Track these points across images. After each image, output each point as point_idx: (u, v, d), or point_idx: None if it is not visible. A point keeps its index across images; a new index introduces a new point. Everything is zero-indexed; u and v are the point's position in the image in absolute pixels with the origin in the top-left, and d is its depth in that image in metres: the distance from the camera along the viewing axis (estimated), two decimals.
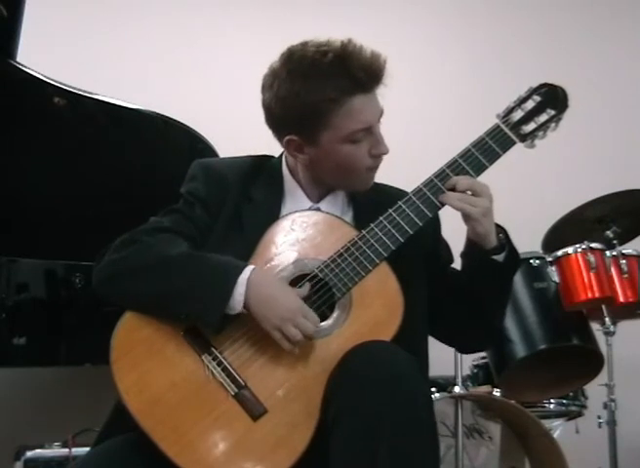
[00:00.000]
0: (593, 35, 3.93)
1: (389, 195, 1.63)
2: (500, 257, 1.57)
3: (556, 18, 3.92)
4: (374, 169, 1.62)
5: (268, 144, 1.67)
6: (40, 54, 2.78)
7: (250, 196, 1.64)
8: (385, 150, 1.58)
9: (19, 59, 2.41)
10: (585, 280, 2.54)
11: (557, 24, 3.93)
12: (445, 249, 1.74)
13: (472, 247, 1.58)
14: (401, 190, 1.66)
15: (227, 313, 1.44)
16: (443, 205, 1.55)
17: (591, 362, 2.55)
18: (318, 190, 1.66)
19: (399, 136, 1.61)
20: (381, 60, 1.53)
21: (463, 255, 1.62)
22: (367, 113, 1.54)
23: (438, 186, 1.55)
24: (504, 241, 1.59)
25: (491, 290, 1.61)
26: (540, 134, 1.61)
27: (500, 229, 1.59)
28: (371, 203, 1.63)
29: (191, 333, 1.46)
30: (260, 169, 1.69)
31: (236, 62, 3.59)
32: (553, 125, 1.61)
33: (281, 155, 1.70)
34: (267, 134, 1.63)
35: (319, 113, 1.51)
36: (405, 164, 1.57)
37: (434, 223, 1.67)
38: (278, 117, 1.57)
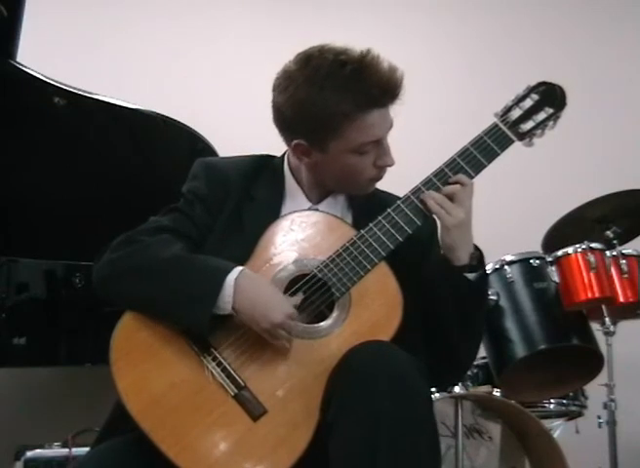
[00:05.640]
0: (593, 35, 3.93)
1: (388, 200, 1.61)
2: (469, 275, 1.52)
3: (554, 18, 3.93)
4: (377, 179, 1.62)
5: (269, 144, 1.67)
6: (40, 54, 2.78)
7: (251, 195, 1.63)
8: (391, 162, 1.58)
9: (19, 59, 2.42)
10: (585, 280, 2.53)
11: (556, 24, 3.93)
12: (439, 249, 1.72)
13: (441, 260, 1.53)
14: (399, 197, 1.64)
15: (216, 314, 1.43)
16: None
17: (591, 362, 2.55)
18: (319, 192, 1.65)
19: (398, 137, 1.61)
20: (398, 75, 1.51)
21: (429, 271, 1.55)
22: (378, 128, 1.53)
23: (437, 185, 1.54)
24: (476, 264, 1.53)
25: (453, 312, 1.52)
26: (539, 132, 1.60)
27: (476, 252, 1.54)
28: (370, 206, 1.62)
29: (191, 334, 1.46)
30: (262, 168, 1.69)
31: (236, 62, 3.59)
32: (551, 123, 1.61)
33: (283, 155, 1.70)
34: (268, 134, 1.62)
35: (332, 124, 1.51)
36: (403, 164, 1.56)
37: (433, 223, 1.66)
38: (289, 120, 1.56)
